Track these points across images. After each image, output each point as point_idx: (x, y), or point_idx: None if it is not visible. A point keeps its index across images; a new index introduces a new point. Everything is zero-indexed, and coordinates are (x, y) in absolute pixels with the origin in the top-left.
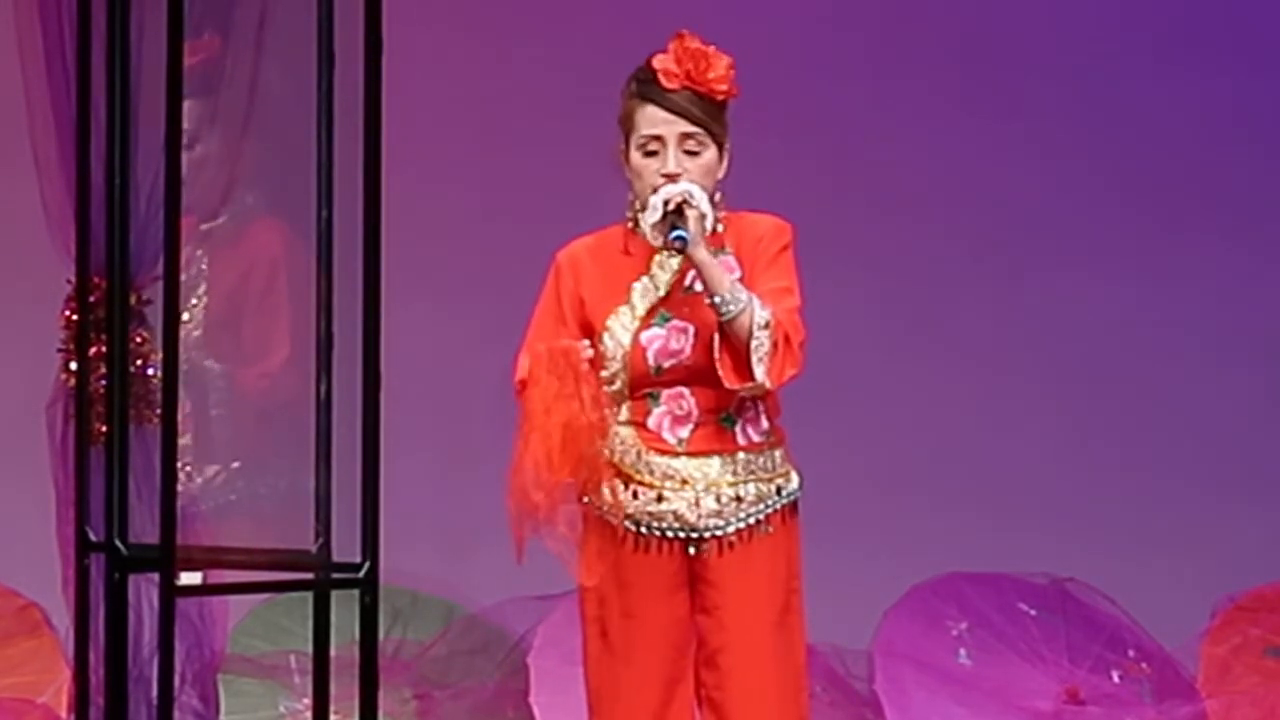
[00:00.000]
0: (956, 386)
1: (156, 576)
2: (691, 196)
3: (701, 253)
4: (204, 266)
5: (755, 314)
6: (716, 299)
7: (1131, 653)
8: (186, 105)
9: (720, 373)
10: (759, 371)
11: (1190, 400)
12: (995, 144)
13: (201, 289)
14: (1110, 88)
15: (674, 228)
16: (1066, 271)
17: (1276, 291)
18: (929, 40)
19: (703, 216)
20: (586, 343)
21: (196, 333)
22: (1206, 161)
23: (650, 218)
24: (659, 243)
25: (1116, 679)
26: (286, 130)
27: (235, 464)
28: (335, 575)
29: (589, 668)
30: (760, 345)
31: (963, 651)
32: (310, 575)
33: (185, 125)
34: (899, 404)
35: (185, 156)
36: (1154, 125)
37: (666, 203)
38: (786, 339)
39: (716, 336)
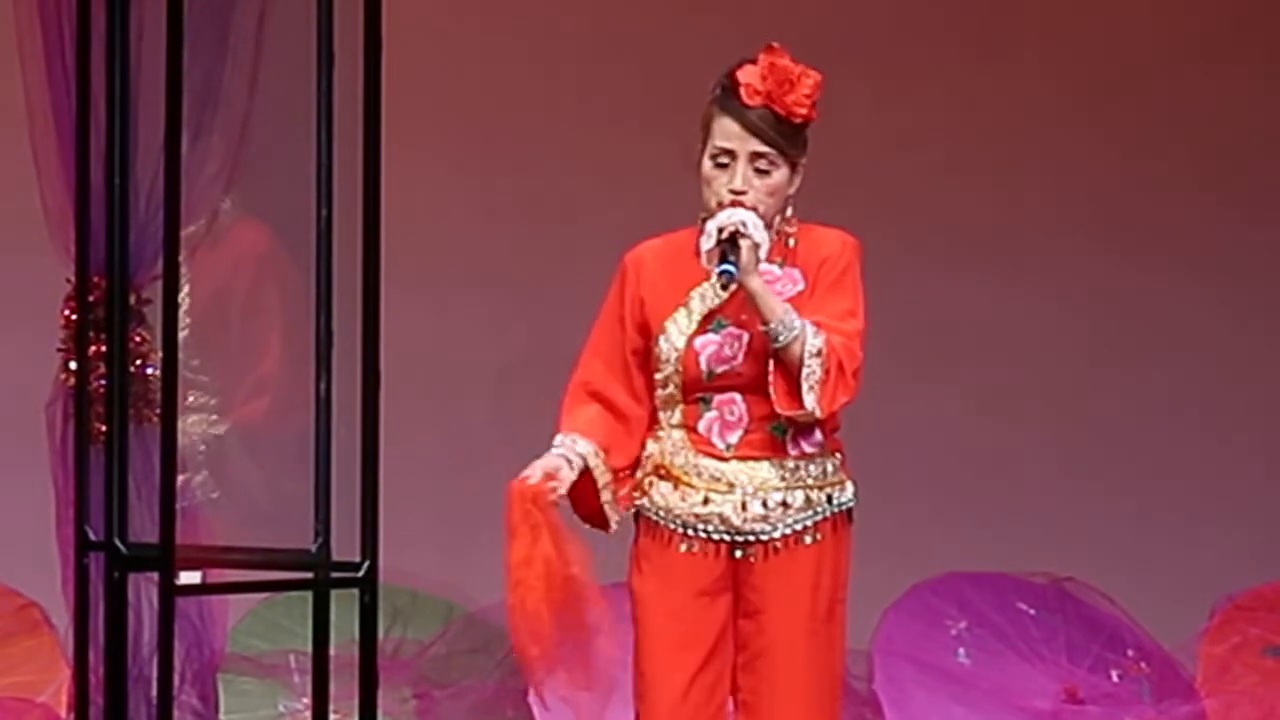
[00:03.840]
0: (957, 386)
1: (156, 576)
2: (744, 226)
3: (754, 281)
4: (184, 270)
5: (807, 342)
6: (769, 327)
7: (1130, 652)
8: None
9: (773, 397)
10: (809, 400)
11: (1191, 399)
12: (996, 145)
13: (184, 291)
14: (1110, 90)
15: (724, 258)
16: (1067, 273)
17: (1274, 301)
18: (931, 40)
19: (755, 246)
20: (555, 483)
21: (182, 334)
22: (1219, 154)
23: (705, 244)
24: (712, 269)
25: (1115, 678)
26: (284, 130)
27: (234, 462)
28: (335, 574)
29: (638, 667)
30: (811, 373)
31: (962, 651)
32: (310, 575)
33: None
34: (900, 404)
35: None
36: (1160, 127)
37: (720, 230)
38: (840, 366)
39: (771, 361)
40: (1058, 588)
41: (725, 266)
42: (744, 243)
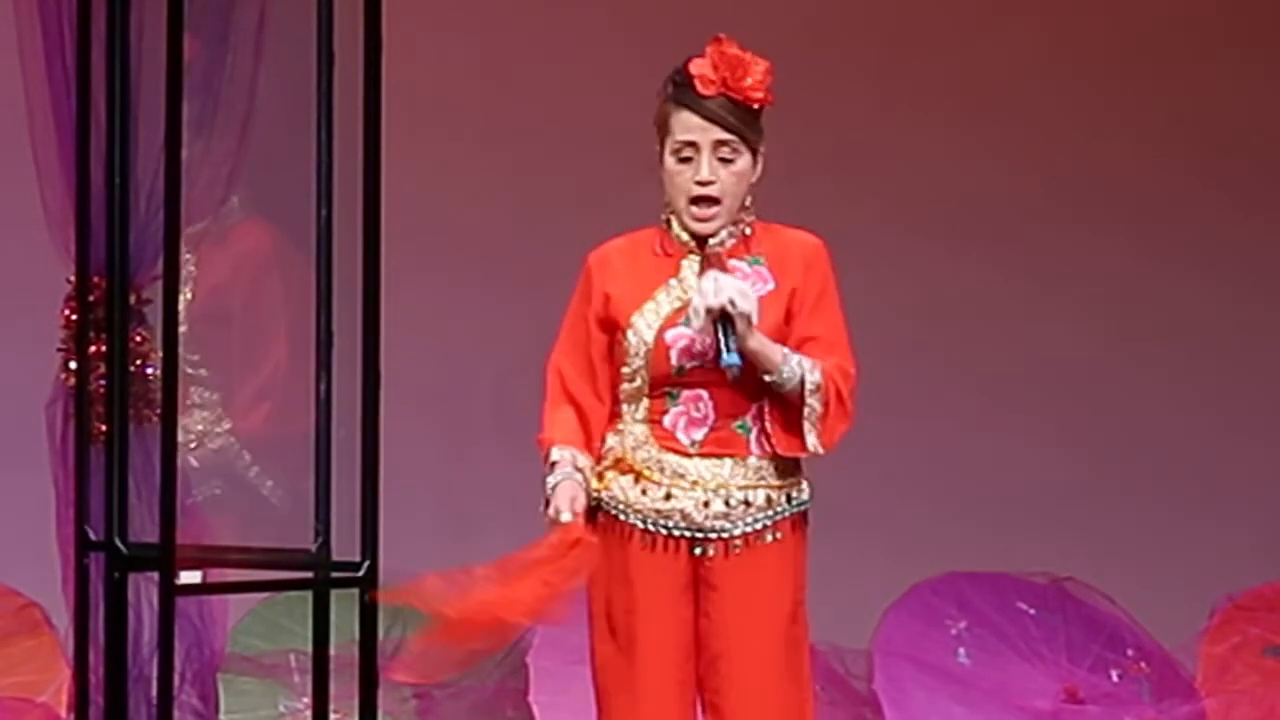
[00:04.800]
0: (957, 386)
1: (156, 576)
2: (733, 304)
3: (753, 342)
4: (192, 269)
5: (806, 380)
6: (772, 377)
7: (1130, 652)
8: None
9: (773, 440)
10: (810, 440)
11: (1191, 399)
12: (996, 147)
13: (187, 288)
14: (1104, 93)
15: (720, 346)
16: (1066, 274)
17: (1276, 298)
18: (935, 40)
19: (747, 315)
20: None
21: (180, 329)
22: (1203, 170)
23: (694, 323)
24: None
25: (1115, 678)
26: (284, 130)
27: (235, 462)
28: (335, 574)
29: (596, 665)
30: (812, 411)
31: (962, 651)
32: (310, 575)
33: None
34: (900, 403)
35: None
36: (1159, 128)
37: (709, 311)
38: (838, 395)
39: (766, 404)
40: (1058, 588)
41: (730, 360)
42: (739, 320)
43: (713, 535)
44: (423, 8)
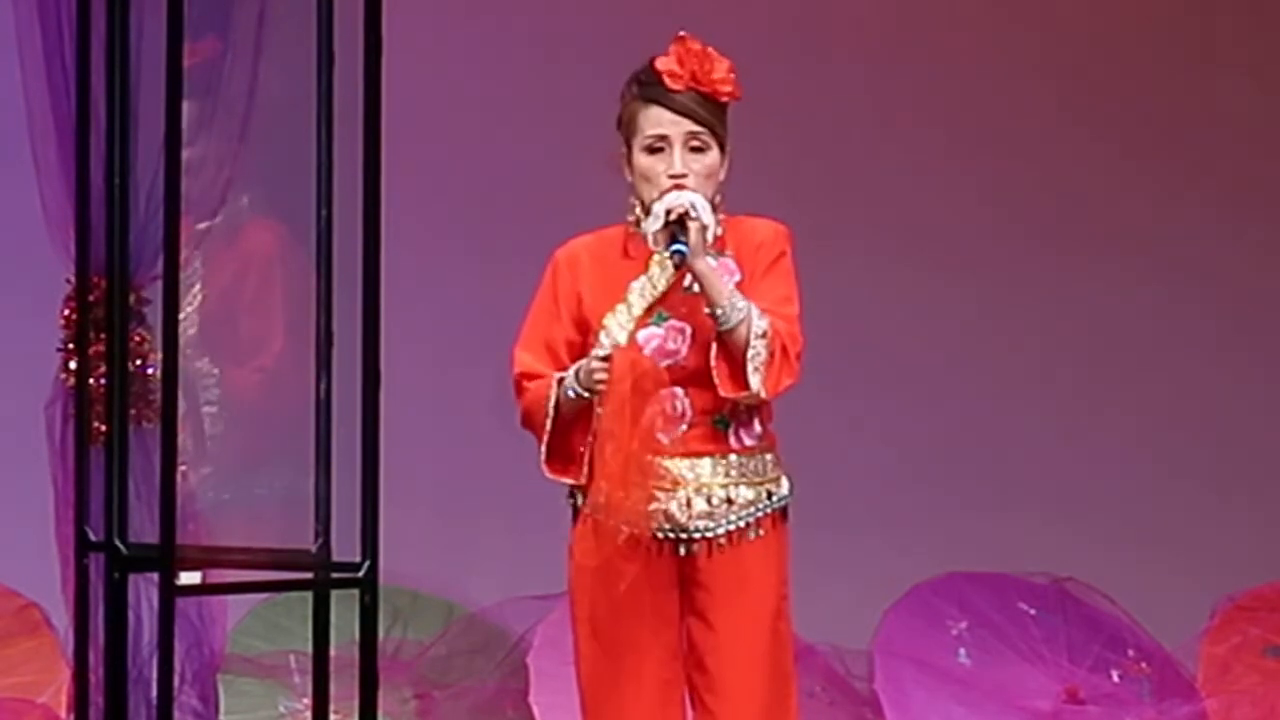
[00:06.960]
0: (958, 385)
1: (156, 576)
2: (694, 208)
3: (701, 263)
4: (198, 266)
5: (753, 323)
6: (716, 309)
7: (1131, 652)
8: (185, 105)
9: (716, 380)
10: (754, 381)
11: (1191, 400)
12: (1003, 135)
13: (196, 288)
14: (1118, 81)
15: (674, 240)
16: (1071, 268)
17: (1270, 297)
18: (940, 30)
19: (704, 228)
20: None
21: (191, 331)
22: (1210, 159)
23: (652, 225)
24: (660, 251)
25: (1116, 678)
26: (284, 130)
27: (233, 463)
28: (335, 575)
29: (581, 668)
30: (757, 355)
31: (962, 651)
32: (310, 575)
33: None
34: (900, 402)
35: (184, 156)
36: (1162, 117)
37: (669, 212)
38: (784, 349)
39: (714, 344)
40: (1058, 588)
41: (678, 246)
42: (693, 225)
43: (697, 535)
44: (423, 8)
